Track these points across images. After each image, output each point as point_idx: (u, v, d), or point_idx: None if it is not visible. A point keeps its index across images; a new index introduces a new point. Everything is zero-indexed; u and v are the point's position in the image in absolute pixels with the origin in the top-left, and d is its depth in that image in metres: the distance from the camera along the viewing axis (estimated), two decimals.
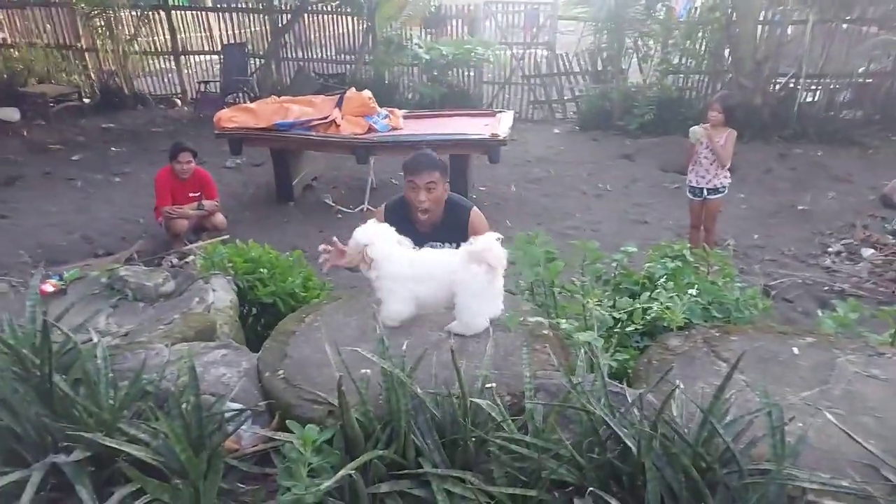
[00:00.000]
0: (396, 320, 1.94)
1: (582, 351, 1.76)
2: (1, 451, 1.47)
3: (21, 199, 6.85)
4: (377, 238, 2.00)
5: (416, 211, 2.81)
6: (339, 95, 6.87)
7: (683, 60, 9.85)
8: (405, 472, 1.43)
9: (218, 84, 11.18)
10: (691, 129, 4.99)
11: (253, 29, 12.09)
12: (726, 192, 5.09)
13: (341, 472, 1.33)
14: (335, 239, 2.24)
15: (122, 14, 11.43)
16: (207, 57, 12.36)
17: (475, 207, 2.92)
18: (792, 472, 1.29)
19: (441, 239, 2.73)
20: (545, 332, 1.98)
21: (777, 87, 9.24)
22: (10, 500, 1.36)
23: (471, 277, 1.86)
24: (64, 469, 1.39)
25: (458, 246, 2.59)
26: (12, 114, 9.40)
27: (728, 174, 5.03)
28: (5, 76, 10.96)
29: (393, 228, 2.08)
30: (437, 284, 1.92)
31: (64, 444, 1.44)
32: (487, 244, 1.86)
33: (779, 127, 8.86)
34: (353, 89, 6.97)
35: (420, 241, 2.54)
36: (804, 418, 1.55)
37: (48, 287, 2.47)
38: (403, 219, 2.80)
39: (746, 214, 6.59)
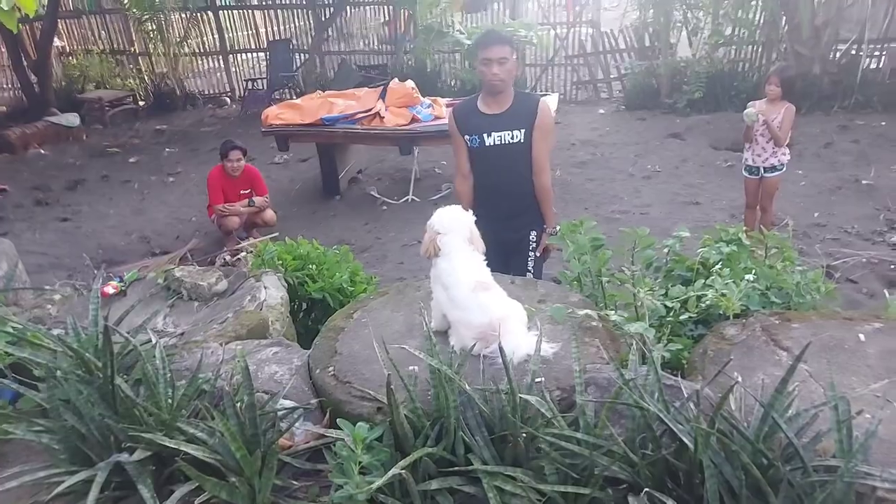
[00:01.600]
0: (434, 330, 1.85)
1: (633, 342, 1.71)
2: (67, 450, 1.54)
3: (82, 202, 7.13)
4: (451, 231, 1.92)
5: (488, 86, 2.93)
6: (382, 87, 6.89)
7: (736, 31, 9.45)
8: (455, 468, 1.43)
9: (264, 81, 11.37)
10: (746, 111, 4.79)
11: (297, 24, 12.23)
12: (784, 169, 4.88)
13: (392, 471, 1.34)
14: None
15: (172, 17, 11.74)
16: (254, 55, 12.58)
17: (545, 100, 3.07)
18: (861, 468, 1.22)
19: (508, 125, 2.93)
20: (594, 323, 1.94)
21: (837, 54, 8.78)
22: (77, 499, 1.42)
23: (461, 339, 1.80)
24: (127, 468, 1.44)
25: (526, 132, 2.91)
26: (73, 119, 9.78)
27: (787, 151, 4.80)
28: (64, 83, 11.41)
29: (471, 216, 1.99)
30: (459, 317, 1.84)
31: (126, 445, 1.49)
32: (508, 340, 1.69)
33: (840, 97, 8.42)
34: (396, 80, 6.98)
35: (489, 124, 2.95)
36: (873, 410, 1.47)
37: (109, 289, 2.57)
38: (472, 110, 3.03)
39: (806, 192, 6.31)
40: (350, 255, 3.13)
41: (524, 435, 1.43)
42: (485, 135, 2.96)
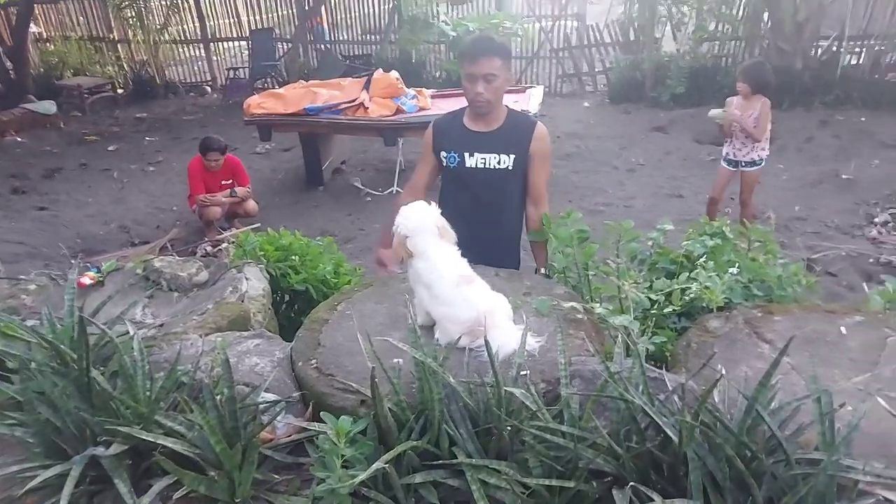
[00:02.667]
0: (420, 325, 1.82)
1: (618, 335, 1.71)
2: (42, 444, 1.50)
3: (60, 190, 7.01)
4: (418, 232, 1.86)
5: (472, 106, 2.51)
6: (366, 77, 6.83)
7: (719, 26, 9.51)
8: (439, 462, 1.41)
9: (247, 70, 11.24)
10: (710, 112, 4.84)
11: (280, 13, 12.09)
12: (764, 164, 4.90)
13: (375, 465, 1.32)
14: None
15: (153, 4, 11.55)
16: (236, 43, 12.43)
17: (541, 124, 2.60)
18: (843, 461, 1.23)
19: (496, 148, 2.51)
20: (579, 316, 1.93)
21: (819, 50, 8.87)
22: (52, 493, 1.39)
23: (447, 334, 1.77)
24: (102, 462, 1.41)
25: (517, 160, 2.49)
26: (50, 106, 9.60)
27: (766, 146, 4.83)
28: (42, 70, 11.20)
29: (437, 211, 1.91)
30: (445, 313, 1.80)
31: (102, 438, 1.46)
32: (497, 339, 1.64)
33: (821, 92, 8.52)
34: (381, 70, 6.92)
35: (474, 142, 2.53)
36: (855, 403, 1.48)
37: (86, 280, 2.52)
38: (456, 124, 2.60)
39: (787, 185, 6.38)
40: (334, 246, 3.09)
41: (509, 428, 1.42)
42: (466, 154, 2.54)
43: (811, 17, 8.55)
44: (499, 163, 2.53)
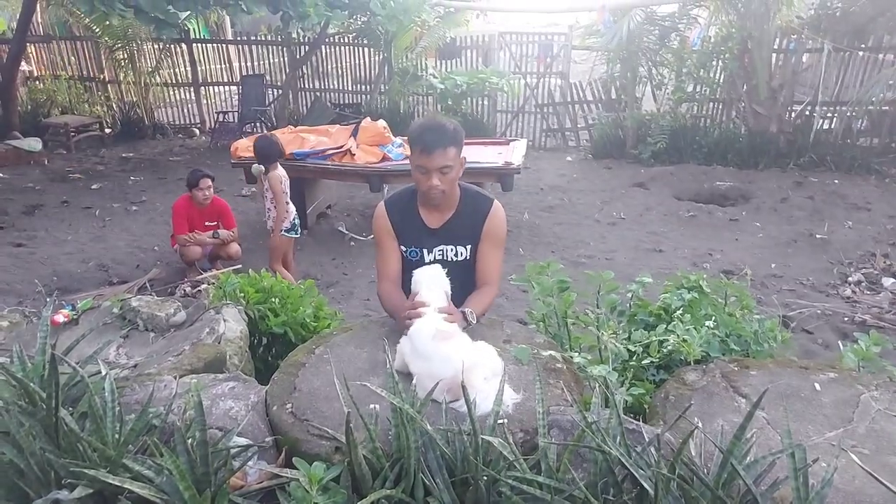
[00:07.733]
0: (397, 370, 1.81)
1: (597, 385, 1.71)
2: (3, 486, 1.45)
3: (39, 227, 6.94)
4: (424, 287, 2.06)
5: (426, 196, 2.33)
6: (354, 125, 6.94)
7: (697, 88, 9.85)
8: None
9: (236, 114, 11.36)
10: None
11: (271, 60, 12.31)
12: (292, 233, 5.23)
13: None
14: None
15: (145, 47, 11.71)
16: (226, 88, 12.59)
17: (497, 202, 2.43)
18: None
19: (452, 239, 2.38)
20: (558, 365, 1.94)
21: (793, 114, 9.20)
22: None
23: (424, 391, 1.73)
24: None
25: (472, 248, 2.38)
26: (35, 143, 9.58)
27: (286, 216, 5.15)
28: (29, 107, 11.22)
29: (442, 275, 2.10)
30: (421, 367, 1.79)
31: (67, 481, 1.41)
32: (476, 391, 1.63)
33: (795, 155, 8.80)
34: (369, 119, 7.04)
35: (431, 237, 2.40)
36: (828, 458, 1.49)
37: (60, 317, 2.48)
38: (410, 212, 2.42)
39: (763, 243, 6.51)
40: (315, 289, 3.08)
41: (485, 478, 1.40)
42: (425, 250, 2.39)
43: (785, 83, 8.90)
44: (456, 255, 2.41)
